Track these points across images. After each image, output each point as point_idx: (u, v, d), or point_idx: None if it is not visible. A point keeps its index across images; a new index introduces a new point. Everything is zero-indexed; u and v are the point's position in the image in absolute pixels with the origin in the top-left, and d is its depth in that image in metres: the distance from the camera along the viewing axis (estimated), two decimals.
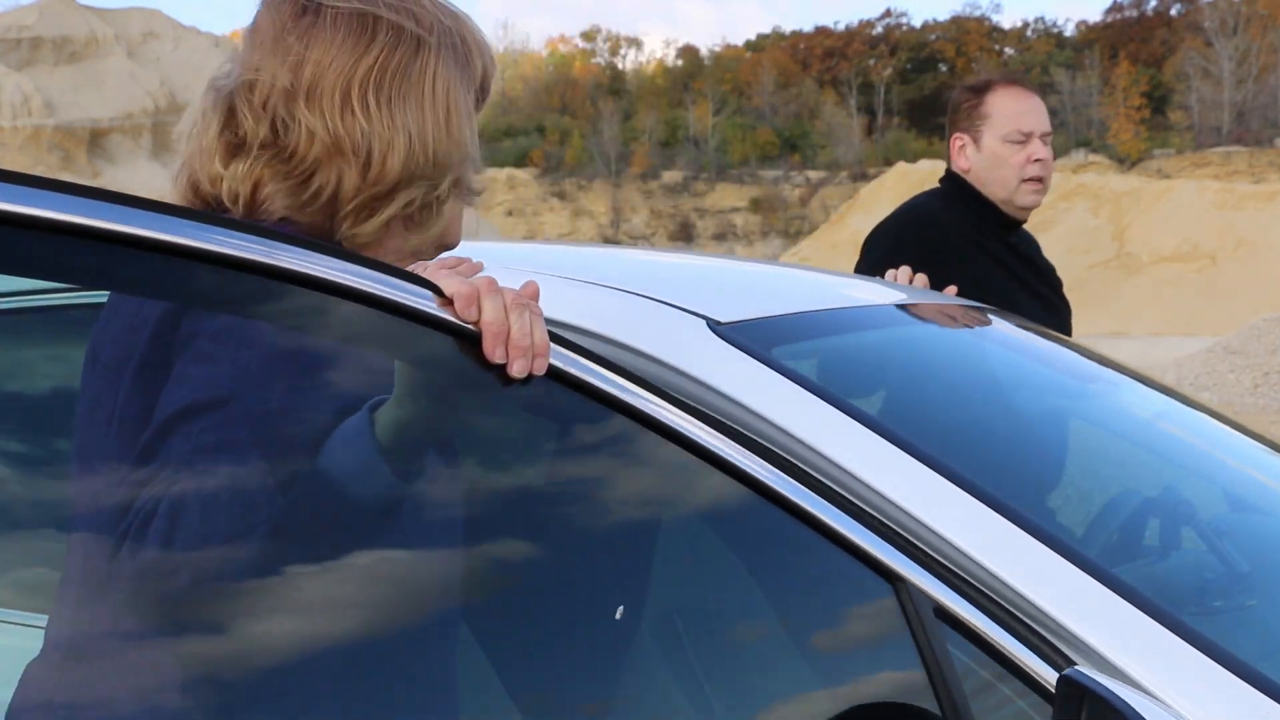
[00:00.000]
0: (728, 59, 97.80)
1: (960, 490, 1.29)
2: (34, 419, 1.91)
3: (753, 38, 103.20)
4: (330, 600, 1.16)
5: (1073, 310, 2.91)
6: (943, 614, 1.20)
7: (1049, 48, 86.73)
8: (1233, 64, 69.16)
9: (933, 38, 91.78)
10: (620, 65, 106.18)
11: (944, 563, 1.24)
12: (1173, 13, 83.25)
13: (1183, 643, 1.18)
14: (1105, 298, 40.75)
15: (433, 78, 1.24)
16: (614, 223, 77.46)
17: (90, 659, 1.15)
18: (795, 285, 2.10)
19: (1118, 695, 1.02)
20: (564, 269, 1.72)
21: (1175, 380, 16.46)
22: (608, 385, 1.20)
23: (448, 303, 1.10)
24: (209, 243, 0.99)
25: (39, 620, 1.25)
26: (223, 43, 79.40)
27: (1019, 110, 2.71)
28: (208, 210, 1.23)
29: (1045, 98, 2.82)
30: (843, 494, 1.28)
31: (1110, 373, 2.16)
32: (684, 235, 75.39)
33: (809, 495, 1.24)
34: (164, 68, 77.08)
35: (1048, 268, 2.88)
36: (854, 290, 2.12)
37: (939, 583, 1.21)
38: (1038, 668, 1.18)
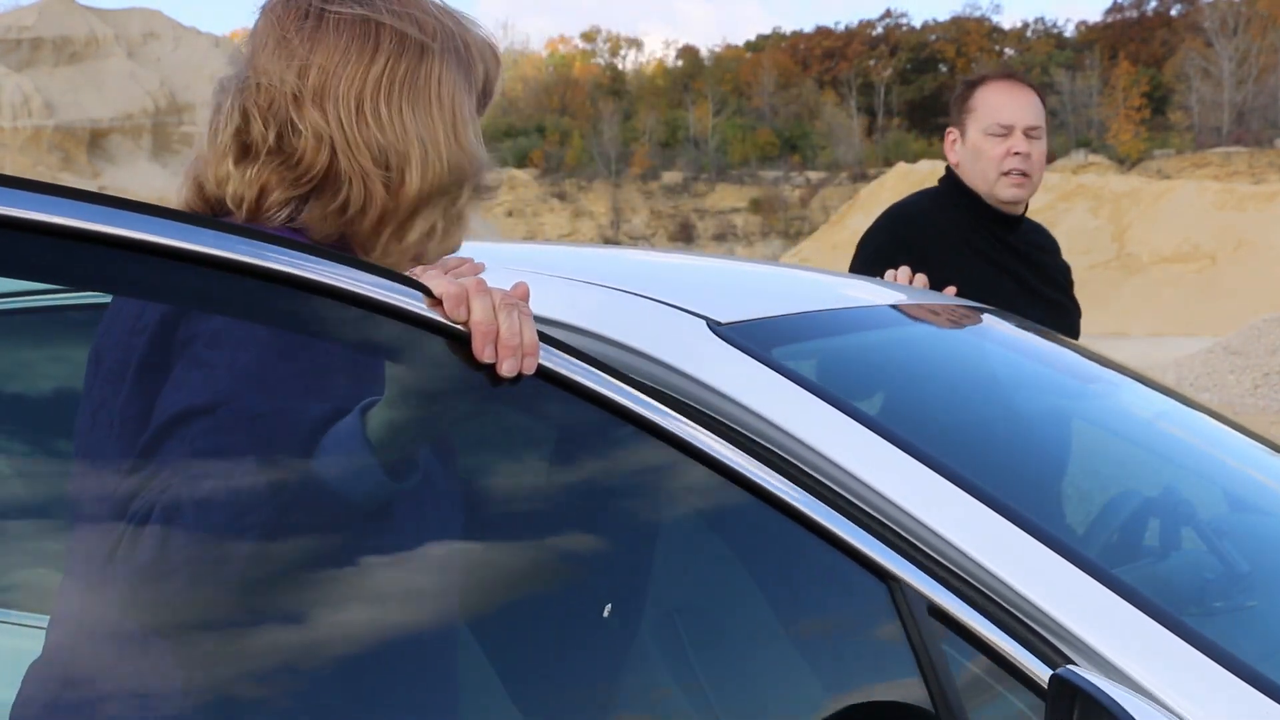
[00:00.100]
0: (728, 59, 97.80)
1: (961, 491, 1.29)
2: (35, 420, 1.91)
3: (753, 38, 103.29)
4: (325, 600, 1.16)
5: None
6: (937, 613, 1.20)
7: (1049, 48, 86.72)
8: (1233, 64, 69.15)
9: (933, 38, 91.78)
10: (620, 66, 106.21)
11: (943, 562, 1.24)
12: (1173, 13, 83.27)
13: (1183, 643, 1.18)
14: (1105, 298, 40.70)
15: (438, 84, 1.24)
16: (614, 223, 77.46)
17: (90, 659, 1.15)
18: (795, 286, 2.10)
19: (1109, 695, 1.02)
20: (564, 269, 1.72)
21: (1175, 381, 16.46)
22: (598, 384, 1.20)
23: (437, 303, 1.10)
24: (200, 245, 0.99)
25: (39, 620, 1.25)
26: (223, 43, 79.42)
27: (1000, 103, 2.70)
28: (199, 214, 1.23)
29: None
30: (842, 494, 1.28)
31: (1110, 373, 2.16)
32: (684, 236, 75.39)
33: (806, 496, 1.24)
34: (164, 68, 77.10)
35: (1055, 266, 2.84)
36: (854, 291, 2.13)
37: (934, 582, 1.21)
38: (1033, 667, 1.18)
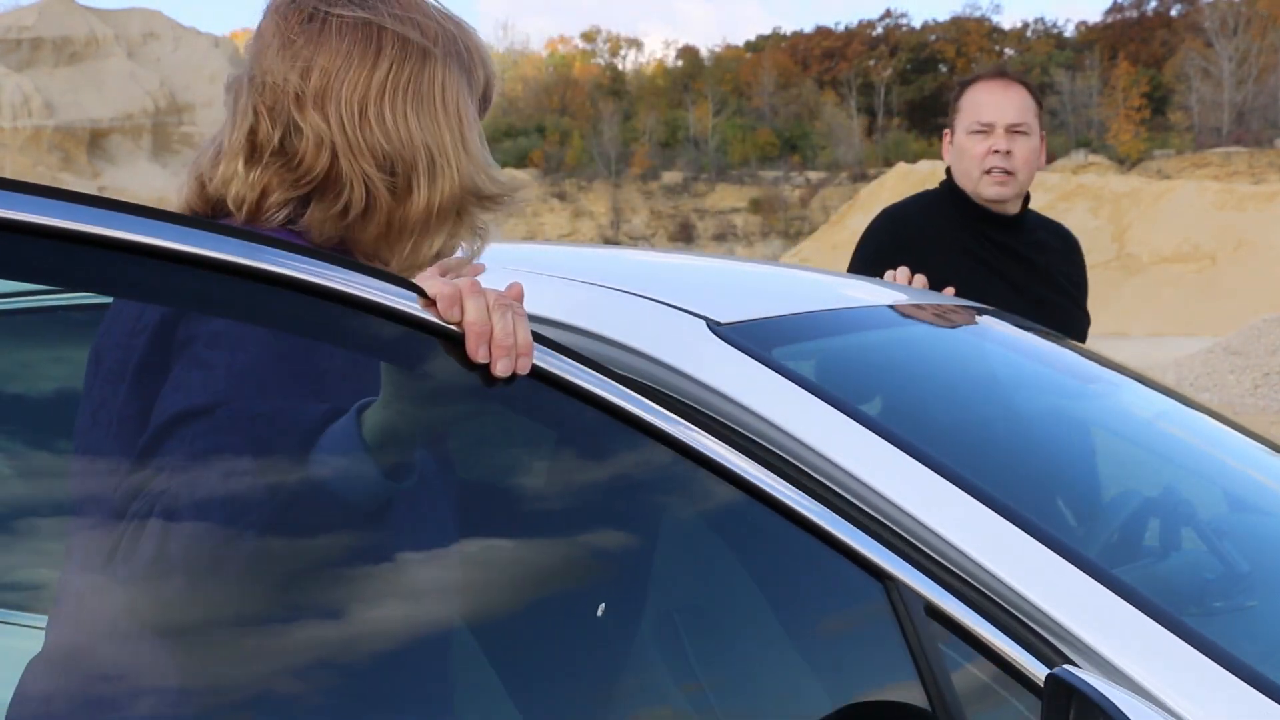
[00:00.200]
0: (728, 59, 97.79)
1: (960, 491, 1.29)
2: (35, 420, 1.91)
3: (753, 38, 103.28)
4: (324, 600, 1.16)
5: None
6: (934, 613, 1.20)
7: (1049, 48, 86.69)
8: (1233, 65, 69.14)
9: (933, 38, 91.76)
10: (620, 66, 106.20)
11: (942, 562, 1.24)
12: (1173, 13, 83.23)
13: (1182, 643, 1.18)
14: (1105, 298, 40.68)
15: (442, 89, 1.24)
16: (614, 223, 77.47)
17: (90, 658, 1.16)
18: (795, 286, 2.11)
19: (1105, 695, 1.02)
20: (564, 269, 1.72)
21: (1175, 381, 16.46)
22: (593, 385, 1.20)
23: (431, 304, 1.10)
24: (197, 247, 0.99)
25: (39, 620, 1.25)
26: (223, 43, 79.47)
27: (982, 102, 2.71)
28: (197, 216, 1.23)
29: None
30: (841, 494, 1.28)
31: (1109, 373, 2.17)
32: (684, 236, 75.39)
33: (804, 496, 1.25)
34: (164, 68, 77.11)
35: (1058, 268, 2.79)
36: (853, 291, 2.13)
37: (933, 582, 1.22)
38: (1031, 667, 1.18)
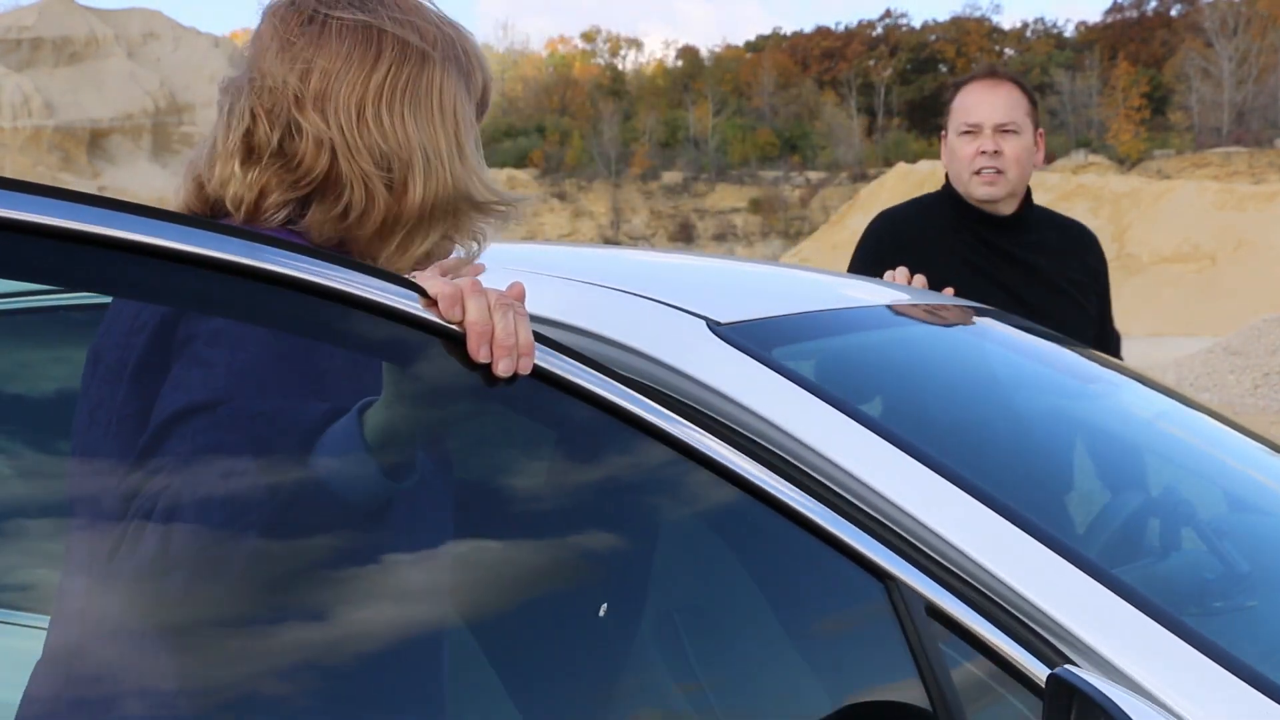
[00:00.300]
0: (728, 59, 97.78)
1: (960, 491, 1.29)
2: (36, 420, 1.91)
3: (753, 38, 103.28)
4: (322, 599, 1.16)
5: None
6: (935, 613, 1.20)
7: (1049, 48, 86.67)
8: (1233, 65, 69.13)
9: (933, 38, 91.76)
10: (620, 66, 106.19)
11: (942, 562, 1.24)
12: (1173, 13, 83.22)
13: (1182, 643, 1.18)
14: None
15: (440, 92, 1.25)
16: (614, 223, 77.47)
17: (93, 657, 1.16)
18: (795, 286, 2.11)
19: (1106, 695, 1.02)
20: (564, 269, 1.72)
21: (1175, 381, 16.46)
22: (594, 384, 1.20)
23: (432, 304, 1.10)
24: (198, 247, 0.99)
25: (39, 620, 1.25)
26: (223, 43, 79.49)
27: (970, 103, 2.71)
28: (197, 215, 1.23)
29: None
30: (841, 494, 1.28)
31: (1109, 373, 2.17)
32: (684, 236, 75.40)
33: (804, 496, 1.25)
34: (164, 68, 77.13)
35: (1058, 270, 2.74)
36: (853, 291, 2.13)
37: (933, 582, 1.22)
38: (1031, 667, 1.18)
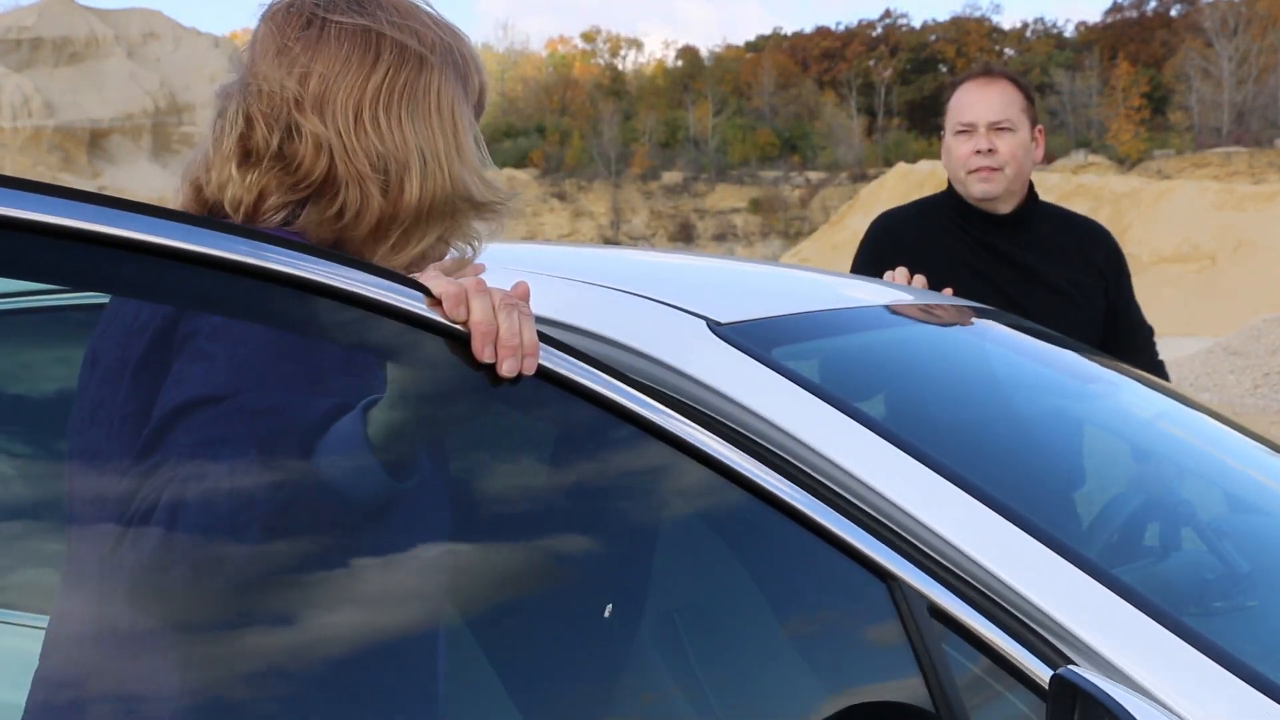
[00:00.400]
0: (728, 60, 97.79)
1: (961, 491, 1.29)
2: (37, 420, 1.91)
3: (753, 38, 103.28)
4: (322, 598, 1.16)
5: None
6: (938, 613, 1.20)
7: (1049, 48, 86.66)
8: (1233, 65, 69.13)
9: (933, 38, 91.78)
10: (620, 66, 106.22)
11: (943, 562, 1.24)
12: (1173, 13, 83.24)
13: (1183, 643, 1.18)
14: None
15: (437, 95, 1.25)
16: (614, 223, 77.48)
17: (97, 654, 1.16)
18: (795, 286, 2.11)
19: (1110, 695, 1.02)
20: (564, 269, 1.72)
21: (1175, 381, 16.38)
22: (597, 385, 1.20)
23: (436, 303, 1.10)
24: (201, 245, 0.99)
25: (39, 620, 1.25)
26: (223, 44, 79.53)
27: (964, 103, 2.72)
28: (199, 214, 1.23)
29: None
30: (841, 494, 1.28)
31: (1109, 373, 2.17)
32: (684, 236, 75.41)
33: (806, 495, 1.24)
34: (164, 68, 77.15)
35: (1056, 269, 2.73)
36: (853, 291, 2.13)
37: (934, 582, 1.21)
38: (1034, 667, 1.18)
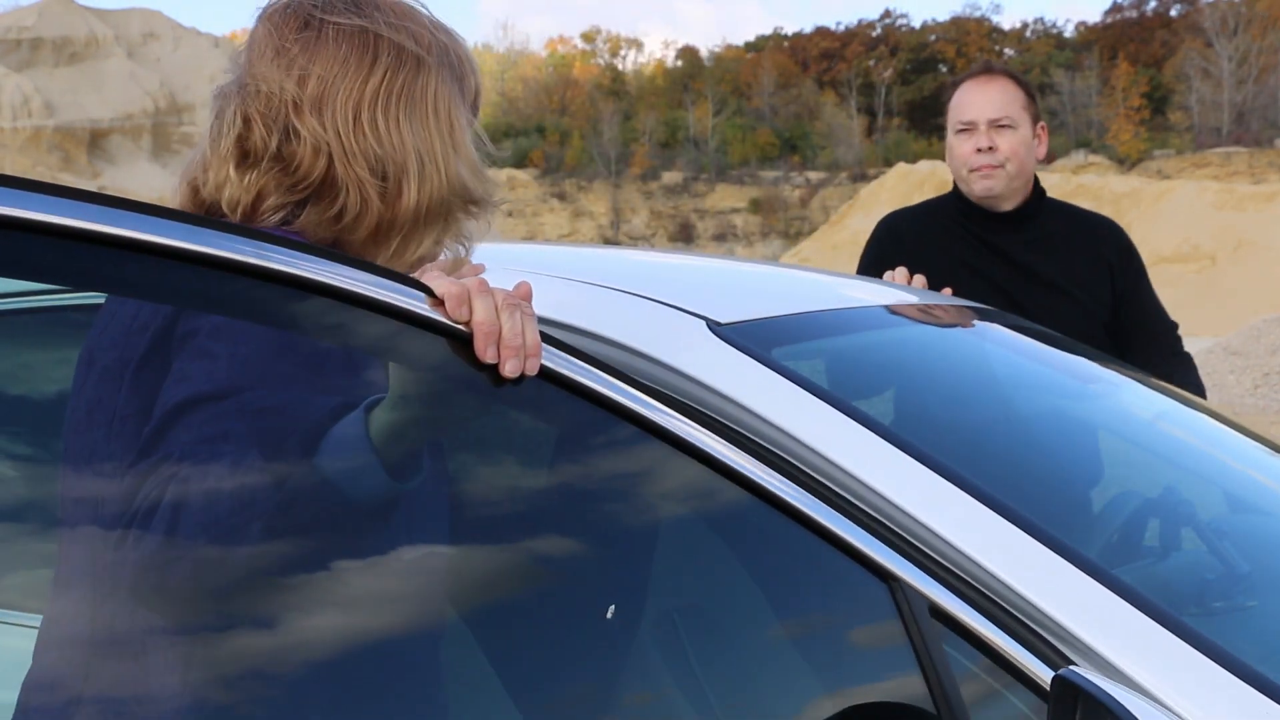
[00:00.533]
0: (728, 60, 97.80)
1: (961, 491, 1.29)
2: (37, 421, 1.91)
3: (753, 38, 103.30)
4: (323, 597, 1.16)
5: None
6: (938, 614, 1.20)
7: (1049, 48, 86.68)
8: (1233, 65, 69.13)
9: (933, 38, 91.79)
10: (620, 66, 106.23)
11: (944, 563, 1.24)
12: (1173, 13, 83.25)
13: (1183, 643, 1.18)
14: None
15: (434, 97, 1.25)
16: (614, 223, 77.48)
17: (92, 654, 1.16)
18: (795, 286, 2.11)
19: (1112, 696, 1.02)
20: (564, 269, 1.72)
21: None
22: (600, 385, 1.20)
23: (439, 303, 1.10)
24: (203, 245, 0.99)
25: (39, 621, 1.25)
26: (223, 44, 79.55)
27: (964, 101, 2.73)
28: (201, 215, 1.23)
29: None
30: (841, 494, 1.28)
31: (1109, 373, 2.17)
32: (684, 236, 75.41)
33: (806, 496, 1.24)
34: (164, 69, 77.16)
35: (1057, 267, 2.71)
36: (853, 291, 2.13)
37: (934, 582, 1.21)
38: (1034, 667, 1.18)
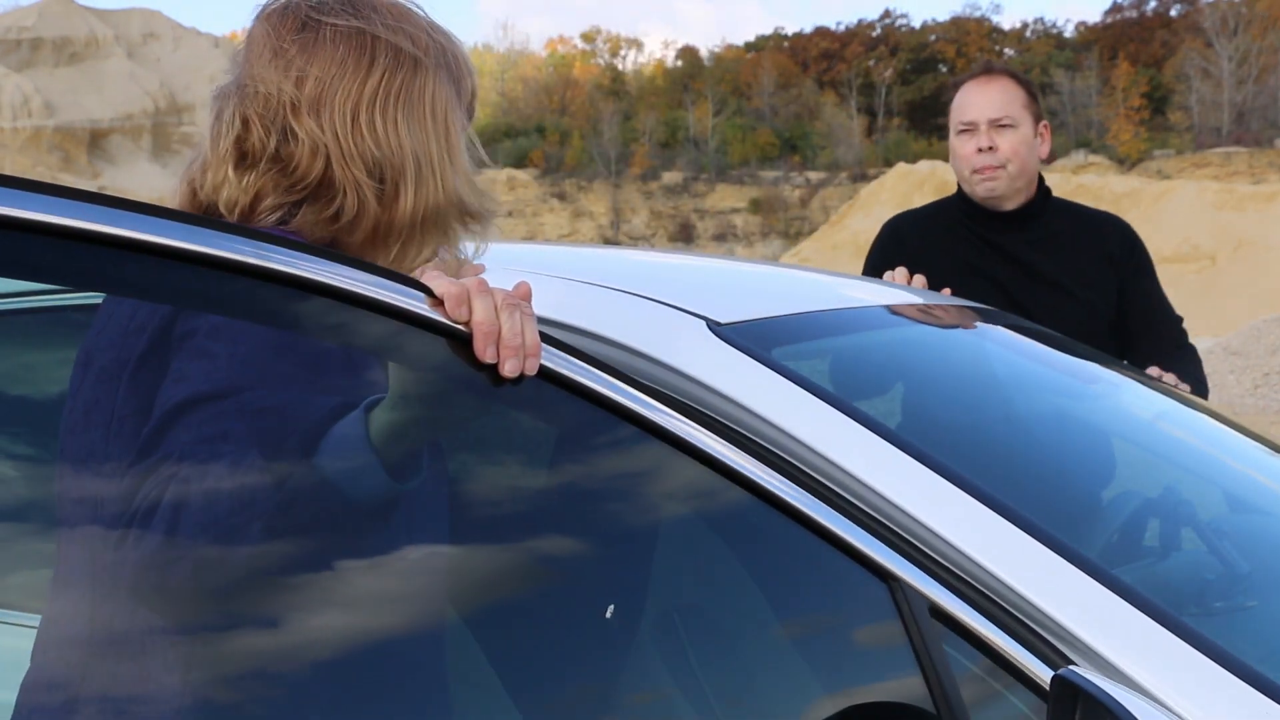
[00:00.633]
0: (728, 60, 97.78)
1: (961, 491, 1.29)
2: (38, 421, 1.91)
3: (753, 38, 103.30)
4: (323, 597, 1.16)
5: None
6: (938, 614, 1.20)
7: (1049, 48, 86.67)
8: (1233, 65, 69.13)
9: (933, 38, 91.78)
10: (620, 66, 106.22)
11: (943, 563, 1.24)
12: (1173, 13, 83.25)
13: (1183, 643, 1.18)
14: None
15: (431, 98, 1.25)
16: (614, 224, 77.48)
17: (91, 655, 1.16)
18: (795, 286, 2.11)
19: (1111, 695, 1.02)
20: (564, 269, 1.72)
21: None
22: (599, 385, 1.20)
23: (438, 303, 1.10)
24: (204, 246, 0.99)
25: (38, 621, 1.25)
26: (223, 44, 79.56)
27: (964, 102, 2.73)
28: (200, 214, 1.23)
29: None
30: (841, 494, 1.28)
31: (1110, 373, 2.17)
32: (684, 236, 75.41)
33: (806, 496, 1.24)
34: (164, 69, 77.17)
35: (1060, 266, 2.70)
36: (853, 291, 2.13)
37: (934, 582, 1.21)
38: (1034, 667, 1.18)
